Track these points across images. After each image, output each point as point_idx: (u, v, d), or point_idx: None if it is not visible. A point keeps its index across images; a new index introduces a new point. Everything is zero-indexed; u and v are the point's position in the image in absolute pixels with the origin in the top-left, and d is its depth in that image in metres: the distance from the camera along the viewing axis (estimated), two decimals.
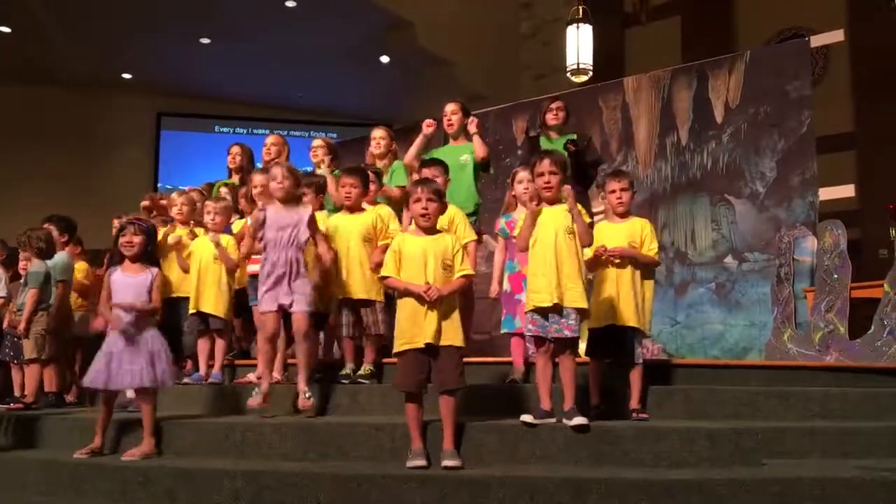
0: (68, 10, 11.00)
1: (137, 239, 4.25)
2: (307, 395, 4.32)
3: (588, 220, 3.96)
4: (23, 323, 5.43)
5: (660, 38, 11.24)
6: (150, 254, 4.35)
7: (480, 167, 5.67)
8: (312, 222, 4.48)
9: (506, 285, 4.82)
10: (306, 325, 4.37)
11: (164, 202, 6.38)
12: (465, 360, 3.79)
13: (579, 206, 3.95)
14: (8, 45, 11.99)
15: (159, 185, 13.96)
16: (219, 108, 14.60)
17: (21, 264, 5.93)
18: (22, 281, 5.68)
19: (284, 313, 4.41)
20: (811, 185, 6.51)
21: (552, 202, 3.97)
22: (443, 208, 3.94)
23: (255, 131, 14.57)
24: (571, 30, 9.68)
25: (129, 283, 4.19)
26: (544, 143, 5.73)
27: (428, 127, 5.84)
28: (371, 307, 4.79)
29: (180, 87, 13.92)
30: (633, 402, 4.12)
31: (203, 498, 3.56)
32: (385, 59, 12.98)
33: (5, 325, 5.71)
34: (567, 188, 3.91)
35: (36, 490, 3.96)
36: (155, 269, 4.29)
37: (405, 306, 3.72)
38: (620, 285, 4.16)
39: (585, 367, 4.24)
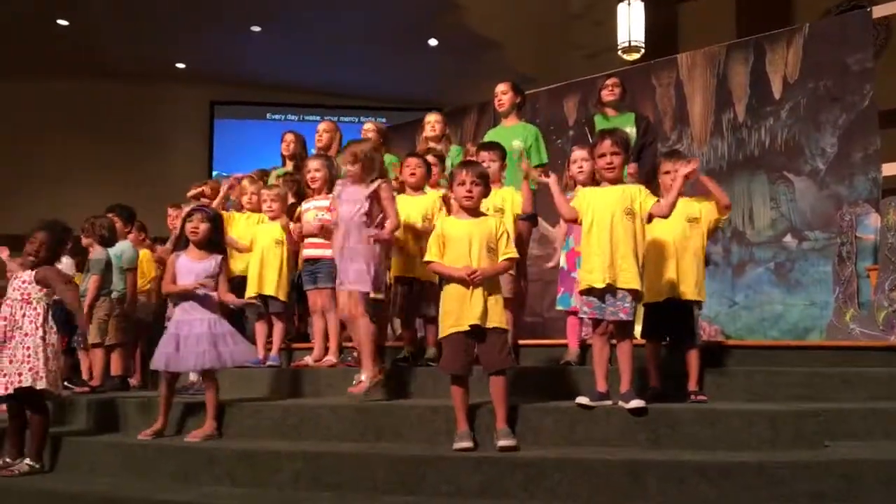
0: (124, 1, 11.21)
1: (204, 226, 4.36)
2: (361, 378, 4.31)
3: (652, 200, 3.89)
4: (85, 308, 5.58)
5: (714, 12, 10.99)
6: (216, 241, 4.44)
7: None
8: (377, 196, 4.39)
9: (562, 262, 4.81)
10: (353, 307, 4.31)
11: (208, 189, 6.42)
12: (520, 342, 3.78)
13: (645, 191, 3.90)
14: (66, 38, 12.28)
15: (214, 173, 14.19)
16: (270, 96, 14.74)
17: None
18: (85, 268, 5.84)
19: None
20: (874, 161, 6.32)
21: (615, 182, 3.93)
22: (486, 192, 3.92)
23: (306, 118, 14.69)
24: (622, 7, 9.53)
25: (192, 269, 4.31)
26: (600, 122, 5.66)
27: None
28: (424, 288, 4.81)
29: (232, 75, 14.08)
30: (691, 384, 4.07)
31: (264, 479, 3.64)
32: (433, 42, 12.95)
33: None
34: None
35: (103, 471, 4.09)
36: (219, 256, 4.38)
37: (450, 290, 3.72)
38: (682, 257, 4.11)
39: (641, 350, 4.20)
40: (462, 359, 3.65)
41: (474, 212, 3.84)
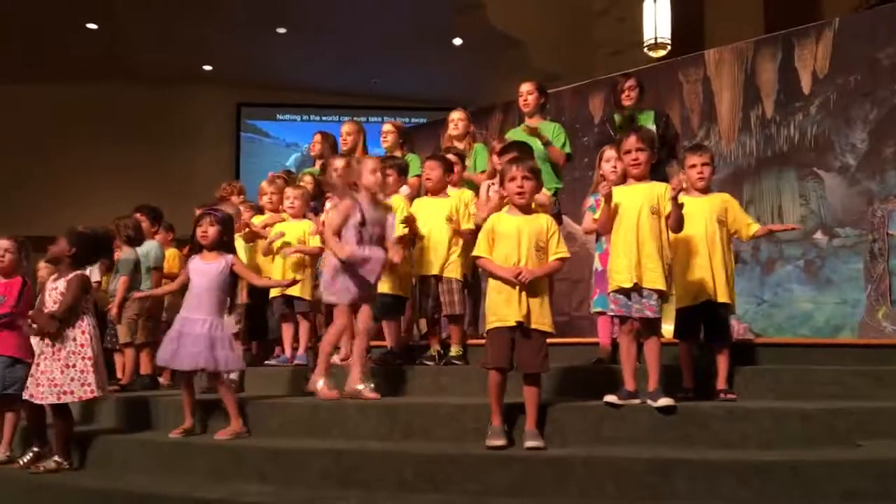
0: (151, 4, 11.33)
1: (212, 229, 4.42)
2: (372, 387, 4.37)
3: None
4: (115, 309, 5.65)
5: (741, 7, 10.86)
6: (227, 242, 4.49)
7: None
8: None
9: (598, 264, 4.79)
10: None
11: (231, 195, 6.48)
12: (548, 341, 3.77)
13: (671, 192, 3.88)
14: (95, 41, 12.44)
15: (241, 174, 14.32)
16: (295, 98, 14.83)
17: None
18: (114, 269, 5.89)
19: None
20: None
21: (640, 179, 3.90)
22: (539, 187, 3.90)
23: (324, 118, 14.78)
24: (648, 3, 9.47)
25: (204, 270, 4.38)
26: (620, 121, 5.62)
27: None
28: (449, 286, 4.81)
29: (258, 77, 14.18)
30: (720, 383, 4.03)
31: (293, 476, 3.66)
32: (458, 41, 12.95)
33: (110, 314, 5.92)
34: (682, 177, 3.83)
35: (134, 468, 4.13)
36: (230, 256, 4.44)
37: (496, 286, 3.71)
38: (714, 260, 4.07)
39: (672, 349, 4.17)
40: (504, 354, 3.63)
41: (525, 208, 3.81)
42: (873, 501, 3.02)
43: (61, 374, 4.13)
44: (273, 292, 5.51)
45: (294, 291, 5.44)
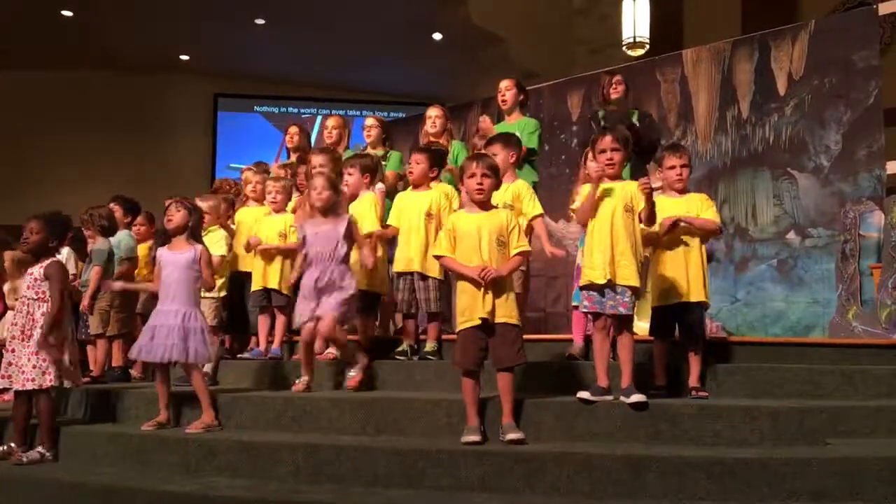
0: None
1: (178, 215, 4.40)
2: (351, 374, 4.42)
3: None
4: (86, 299, 5.58)
5: (719, 8, 10.95)
6: (193, 230, 4.46)
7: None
8: (350, 231, 4.42)
9: (579, 259, 4.81)
10: (331, 329, 4.30)
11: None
12: (523, 337, 3.78)
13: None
14: (71, 29, 12.27)
15: (217, 165, 14.22)
16: (273, 89, 14.74)
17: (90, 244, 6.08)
18: (87, 259, 5.83)
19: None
20: (878, 159, 6.28)
21: (614, 178, 3.92)
22: (497, 184, 3.91)
23: (302, 111, 14.71)
24: (628, 2, 9.51)
25: (172, 260, 4.36)
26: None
27: None
28: (426, 283, 4.81)
29: (236, 68, 14.07)
30: (693, 381, 4.07)
31: (265, 471, 3.65)
32: (438, 36, 12.92)
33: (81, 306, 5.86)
34: (657, 175, 3.86)
35: (104, 461, 4.09)
36: (199, 246, 4.41)
37: (463, 286, 3.71)
38: (689, 261, 4.11)
39: (646, 346, 4.20)
40: (474, 354, 3.64)
41: (485, 205, 3.82)
42: (841, 499, 3.07)
43: (28, 360, 4.14)
44: (254, 285, 5.47)
45: (272, 285, 5.41)
